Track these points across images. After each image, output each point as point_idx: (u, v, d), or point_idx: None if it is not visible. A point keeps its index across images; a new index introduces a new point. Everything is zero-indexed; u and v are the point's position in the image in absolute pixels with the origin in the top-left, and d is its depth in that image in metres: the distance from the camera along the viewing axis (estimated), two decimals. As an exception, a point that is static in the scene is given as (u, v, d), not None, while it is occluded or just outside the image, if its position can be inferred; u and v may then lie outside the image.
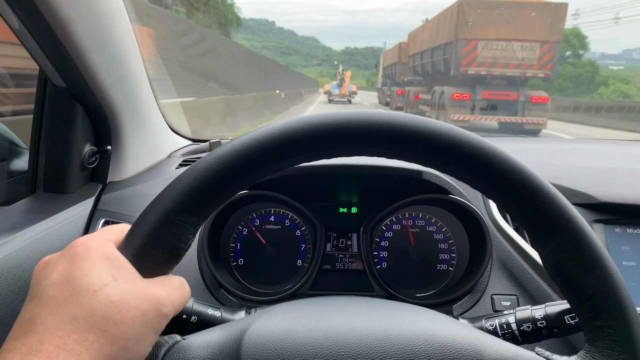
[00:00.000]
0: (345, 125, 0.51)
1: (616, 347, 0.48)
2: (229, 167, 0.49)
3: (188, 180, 0.49)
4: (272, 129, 0.51)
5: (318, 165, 1.06)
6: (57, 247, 0.98)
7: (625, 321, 0.48)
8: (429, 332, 0.52)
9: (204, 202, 0.49)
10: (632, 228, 1.01)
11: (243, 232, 1.14)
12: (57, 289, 0.43)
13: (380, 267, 1.14)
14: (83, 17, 0.92)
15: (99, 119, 1.14)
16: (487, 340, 0.53)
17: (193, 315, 0.76)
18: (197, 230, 0.51)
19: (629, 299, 0.49)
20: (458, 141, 0.50)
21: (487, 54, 13.75)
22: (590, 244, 0.49)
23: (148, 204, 0.50)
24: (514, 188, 0.50)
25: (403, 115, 0.52)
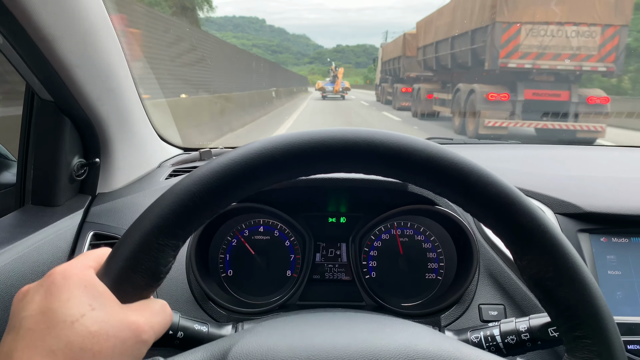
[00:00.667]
0: (323, 144, 0.51)
1: (595, 357, 0.49)
2: (207, 190, 0.49)
3: (166, 203, 0.49)
4: (250, 149, 0.51)
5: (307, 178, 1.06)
6: (45, 261, 0.98)
7: (603, 331, 0.49)
8: (411, 346, 0.53)
9: (183, 225, 0.49)
10: (617, 237, 1.02)
11: (232, 243, 1.15)
12: (34, 321, 0.43)
13: (369, 276, 1.14)
14: (67, 32, 0.92)
15: (87, 131, 1.14)
16: (469, 352, 0.53)
17: (179, 331, 0.76)
18: (177, 252, 0.51)
19: (606, 310, 0.50)
20: (433, 157, 0.51)
21: (532, 41, 10.45)
22: (567, 255, 0.50)
23: (128, 228, 0.50)
24: (490, 202, 0.51)
25: (378, 132, 0.53)
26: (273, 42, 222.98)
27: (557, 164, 1.38)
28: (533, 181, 1.15)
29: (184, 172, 1.38)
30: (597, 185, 1.15)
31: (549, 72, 10.69)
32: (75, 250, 1.06)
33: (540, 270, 0.51)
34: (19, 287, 0.91)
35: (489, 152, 1.59)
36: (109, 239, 1.10)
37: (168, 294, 1.03)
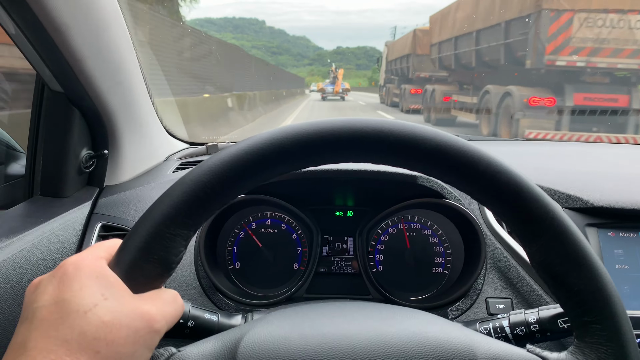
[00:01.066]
0: (332, 133, 0.52)
1: (605, 341, 0.49)
2: (218, 179, 0.50)
3: (177, 193, 0.49)
4: (260, 139, 0.51)
5: (314, 170, 1.07)
6: (54, 252, 0.99)
7: (613, 316, 0.49)
8: (422, 333, 0.53)
9: (194, 215, 0.50)
10: (625, 232, 1.02)
11: (239, 236, 1.15)
12: (48, 311, 0.43)
13: (376, 270, 1.14)
14: (80, 23, 0.92)
15: (96, 123, 1.15)
16: (479, 339, 0.54)
17: (190, 320, 0.76)
18: (188, 242, 0.51)
19: (615, 295, 0.50)
20: (443, 145, 0.51)
21: (587, 34, 7.98)
22: (576, 241, 0.50)
23: (138, 219, 0.50)
24: (499, 189, 0.51)
25: (387, 121, 0.53)
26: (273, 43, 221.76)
27: (565, 160, 1.38)
28: (541, 176, 1.15)
29: (190, 165, 1.39)
30: (605, 180, 1.15)
31: (603, 73, 8.39)
32: (84, 241, 1.07)
33: (549, 257, 0.51)
34: (28, 276, 0.91)
35: (496, 148, 1.59)
36: (117, 231, 1.10)
37: (176, 285, 1.03)
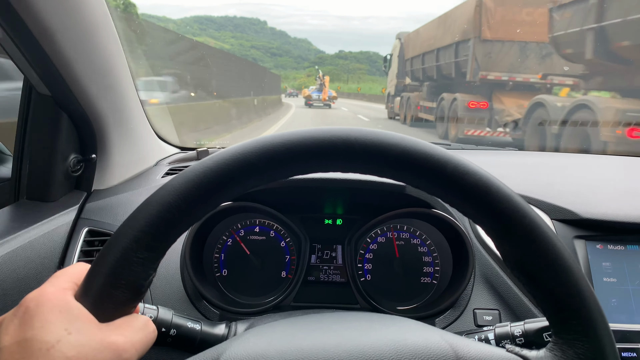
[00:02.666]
0: (298, 145, 0.51)
1: (581, 336, 0.49)
2: (183, 199, 0.49)
3: (143, 215, 0.48)
4: (224, 155, 0.51)
5: (303, 178, 1.06)
6: (39, 256, 0.98)
7: (587, 311, 0.49)
8: (400, 341, 0.53)
9: (161, 237, 0.49)
10: (613, 245, 1.02)
11: (227, 243, 1.14)
12: (9, 352, 0.42)
13: (364, 279, 1.14)
14: (68, 27, 0.92)
15: (85, 127, 1.14)
16: (458, 342, 0.54)
17: (172, 329, 0.75)
18: (157, 265, 0.50)
19: (588, 290, 0.50)
20: (409, 150, 0.51)
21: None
22: (547, 239, 0.50)
23: (104, 244, 0.49)
24: (468, 190, 0.51)
25: (353, 129, 0.52)
26: (273, 44, 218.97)
27: (554, 171, 1.38)
28: (530, 187, 1.15)
29: (180, 170, 1.38)
30: (594, 192, 1.15)
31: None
32: (69, 246, 1.06)
33: (521, 256, 0.51)
34: (11, 282, 0.91)
35: (485, 158, 1.59)
36: (103, 236, 1.09)
37: (162, 292, 1.02)
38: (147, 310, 0.73)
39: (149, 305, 0.75)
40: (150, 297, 1.01)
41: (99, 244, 1.09)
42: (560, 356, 0.51)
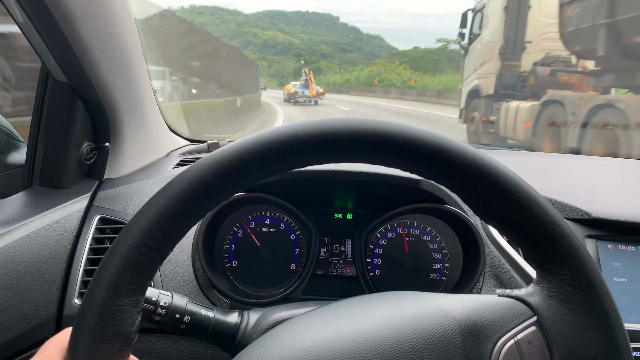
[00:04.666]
0: (294, 138, 0.50)
1: (562, 263, 0.51)
2: (149, 236, 0.47)
3: (114, 263, 0.47)
4: (181, 180, 0.49)
5: (314, 171, 1.07)
6: (52, 242, 0.98)
7: (562, 238, 0.51)
8: (396, 315, 0.54)
9: (137, 279, 0.48)
10: (624, 245, 1.02)
11: (238, 234, 1.15)
12: None
13: (373, 274, 1.14)
14: (89, 13, 0.92)
15: (99, 115, 1.14)
16: (449, 300, 0.55)
17: (186, 315, 0.75)
18: (140, 307, 0.49)
19: (558, 218, 0.52)
20: (358, 130, 0.51)
21: None
22: (508, 180, 0.51)
23: (82, 301, 0.48)
24: (423, 155, 0.51)
25: (300, 123, 0.51)
26: (344, 40, 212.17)
27: (565, 171, 1.38)
28: (541, 186, 1.14)
29: (191, 162, 1.38)
30: (606, 192, 1.15)
31: None
32: (81, 233, 1.06)
33: (488, 203, 0.52)
34: (25, 266, 0.91)
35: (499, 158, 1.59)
36: (114, 224, 1.10)
37: (173, 280, 1.03)
38: (162, 296, 0.74)
39: (163, 292, 0.75)
40: (162, 285, 1.01)
41: (111, 232, 1.10)
42: (547, 287, 0.53)
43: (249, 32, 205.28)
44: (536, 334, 0.52)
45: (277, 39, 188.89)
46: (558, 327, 0.51)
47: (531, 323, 0.53)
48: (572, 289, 0.51)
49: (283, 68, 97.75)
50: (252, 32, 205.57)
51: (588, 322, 0.50)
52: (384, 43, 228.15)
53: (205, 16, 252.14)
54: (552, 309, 0.52)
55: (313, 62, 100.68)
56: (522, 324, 0.53)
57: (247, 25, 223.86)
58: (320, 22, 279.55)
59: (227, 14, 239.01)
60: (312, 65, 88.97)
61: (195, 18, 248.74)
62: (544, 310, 0.53)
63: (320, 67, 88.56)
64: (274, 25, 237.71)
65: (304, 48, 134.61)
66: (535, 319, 0.53)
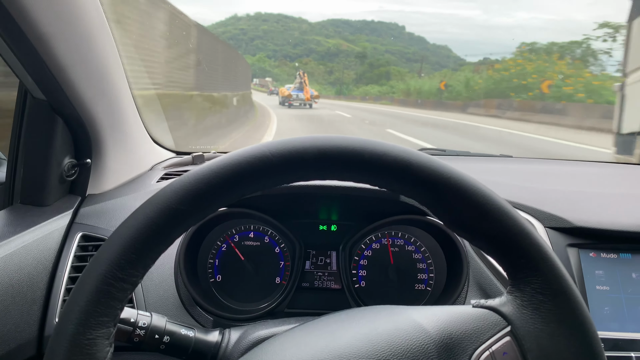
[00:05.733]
0: (261, 159, 0.50)
1: (532, 272, 0.51)
2: (117, 266, 0.47)
3: (81, 297, 0.46)
4: (147, 208, 0.49)
5: (298, 185, 1.07)
6: (33, 261, 0.97)
7: (530, 247, 0.51)
8: (372, 331, 0.54)
9: (106, 312, 0.47)
10: (606, 253, 1.03)
11: (222, 248, 1.14)
12: None
13: (358, 285, 1.14)
14: (64, 32, 0.92)
15: (80, 131, 1.13)
16: (424, 313, 0.55)
17: (166, 335, 0.75)
18: (111, 339, 0.48)
19: (527, 227, 0.52)
20: (325, 148, 0.51)
21: None
22: (474, 191, 0.51)
23: (51, 337, 0.47)
24: (390, 171, 0.52)
25: (267, 143, 0.52)
26: (409, 49, 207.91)
27: (548, 179, 1.39)
28: (523, 194, 1.15)
29: (175, 175, 1.38)
30: (588, 200, 1.15)
31: None
32: (63, 251, 1.05)
33: (458, 215, 0.52)
34: (4, 286, 0.90)
35: (478, 165, 1.59)
36: (97, 241, 1.09)
37: (155, 298, 1.02)
38: (141, 317, 0.73)
39: (142, 312, 0.74)
40: (144, 303, 1.01)
41: (93, 249, 1.09)
42: (520, 296, 0.53)
43: (312, 39, 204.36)
44: (510, 344, 0.52)
45: (340, 47, 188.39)
46: (532, 336, 0.52)
47: (505, 333, 0.53)
48: (543, 297, 0.51)
49: (342, 75, 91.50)
50: (316, 40, 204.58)
51: (561, 330, 0.50)
52: (451, 54, 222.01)
53: (269, 23, 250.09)
54: (525, 319, 0.52)
55: (381, 66, 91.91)
56: (496, 335, 0.53)
57: (310, 33, 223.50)
58: (386, 31, 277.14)
59: (292, 21, 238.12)
60: (379, 70, 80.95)
61: (260, 25, 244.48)
62: (518, 320, 0.53)
63: (389, 71, 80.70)
64: (337, 34, 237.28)
65: (368, 57, 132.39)
66: (509, 329, 0.53)
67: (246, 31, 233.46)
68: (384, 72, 77.67)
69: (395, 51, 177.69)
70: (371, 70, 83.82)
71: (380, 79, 69.77)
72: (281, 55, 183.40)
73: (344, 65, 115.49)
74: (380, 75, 73.36)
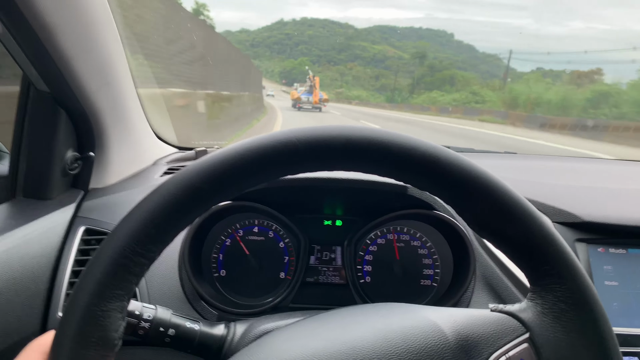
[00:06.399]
0: (286, 145, 0.49)
1: (556, 280, 0.50)
2: (136, 241, 0.46)
3: (98, 268, 0.46)
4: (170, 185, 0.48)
5: (303, 178, 1.06)
6: (35, 255, 0.96)
7: (557, 254, 0.50)
8: (387, 327, 0.53)
9: (122, 285, 0.47)
10: (615, 248, 1.02)
11: (226, 243, 1.13)
12: None
13: (363, 281, 1.13)
14: (69, 23, 0.91)
15: (83, 124, 1.12)
16: (441, 314, 0.54)
17: (170, 329, 0.74)
18: (125, 313, 0.48)
19: (554, 234, 0.51)
20: (352, 139, 0.50)
21: None
22: (503, 193, 0.50)
23: (66, 305, 0.47)
24: (417, 165, 0.50)
25: (293, 130, 0.51)
26: (458, 57, 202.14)
27: (554, 175, 1.38)
28: (531, 189, 1.14)
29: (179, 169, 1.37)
30: (596, 195, 1.14)
31: None
32: (65, 245, 1.04)
33: (483, 216, 0.51)
34: (6, 279, 0.89)
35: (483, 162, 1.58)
36: (100, 235, 1.08)
37: (159, 292, 1.01)
38: (146, 309, 0.72)
39: (147, 305, 0.73)
40: (148, 296, 1.00)
41: (96, 243, 1.08)
42: (541, 303, 0.52)
43: (358, 45, 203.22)
44: (528, 351, 0.51)
45: (386, 54, 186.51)
46: (551, 345, 0.50)
47: (523, 340, 0.52)
48: (565, 306, 0.50)
49: (393, 82, 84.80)
50: (361, 46, 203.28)
51: (581, 341, 0.49)
52: (502, 63, 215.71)
53: (315, 28, 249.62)
54: (545, 326, 0.51)
55: (444, 69, 79.14)
56: (514, 341, 0.52)
57: (356, 38, 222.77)
58: (434, 38, 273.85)
59: (338, 27, 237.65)
60: (442, 73, 67.52)
61: (306, 30, 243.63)
62: (537, 327, 0.52)
63: (453, 75, 70.30)
64: (384, 40, 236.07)
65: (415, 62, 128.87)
66: (528, 336, 0.52)
67: (291, 36, 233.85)
68: (448, 77, 65.93)
69: (443, 58, 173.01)
70: (432, 74, 71.09)
71: (443, 84, 60.17)
72: (325, 61, 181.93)
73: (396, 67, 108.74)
74: (444, 80, 62.86)
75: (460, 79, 66.06)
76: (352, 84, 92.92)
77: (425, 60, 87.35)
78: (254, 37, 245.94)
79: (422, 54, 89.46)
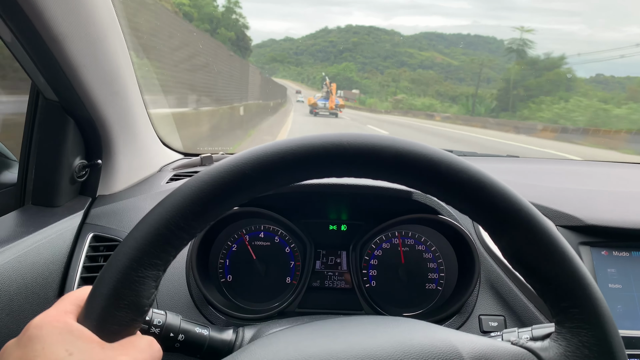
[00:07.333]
0: (295, 152, 0.51)
1: (584, 324, 0.50)
2: (181, 215, 0.49)
3: (141, 234, 0.48)
4: (219, 169, 0.51)
5: (308, 184, 1.07)
6: (44, 262, 0.98)
7: (589, 299, 0.50)
8: (406, 341, 0.53)
9: (161, 255, 0.49)
10: (618, 251, 1.03)
11: (232, 248, 1.14)
12: None
13: (369, 285, 1.14)
14: (77, 33, 0.92)
15: (90, 132, 1.14)
16: (463, 339, 0.54)
17: (180, 334, 0.75)
18: (158, 283, 0.50)
19: (588, 278, 0.51)
20: (402, 152, 0.51)
21: None
22: (544, 230, 0.51)
23: (105, 265, 0.49)
24: (462, 188, 0.52)
25: (345, 134, 0.53)
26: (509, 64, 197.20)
27: (557, 178, 1.38)
28: (534, 193, 1.15)
29: (184, 176, 1.38)
30: (599, 198, 1.15)
31: None
32: (75, 252, 1.05)
33: (519, 248, 0.52)
34: (16, 286, 0.90)
35: (486, 165, 1.59)
36: (108, 241, 1.09)
37: (168, 298, 1.02)
38: (155, 315, 0.73)
39: (157, 310, 0.74)
40: (156, 302, 1.01)
41: (104, 250, 1.09)
42: (565, 345, 0.51)
43: (405, 52, 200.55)
44: None
45: (434, 60, 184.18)
46: None
47: None
48: (589, 352, 0.49)
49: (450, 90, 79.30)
50: (408, 53, 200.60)
51: None
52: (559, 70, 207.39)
53: (360, 36, 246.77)
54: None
55: (554, 67, 48.18)
56: None
57: (403, 45, 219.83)
58: (483, 45, 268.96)
59: (384, 34, 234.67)
60: (550, 74, 41.16)
61: (350, 37, 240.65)
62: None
63: (566, 78, 44.80)
64: (431, 47, 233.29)
65: (465, 69, 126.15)
66: None
67: (335, 43, 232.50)
68: (564, 79, 40.48)
69: (493, 65, 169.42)
70: (539, 74, 42.63)
71: (553, 89, 37.73)
72: (371, 68, 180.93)
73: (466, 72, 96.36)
74: (554, 84, 38.84)
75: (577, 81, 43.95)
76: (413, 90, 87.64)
77: (525, 54, 56.80)
78: (298, 45, 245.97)
79: (520, 49, 56.74)
